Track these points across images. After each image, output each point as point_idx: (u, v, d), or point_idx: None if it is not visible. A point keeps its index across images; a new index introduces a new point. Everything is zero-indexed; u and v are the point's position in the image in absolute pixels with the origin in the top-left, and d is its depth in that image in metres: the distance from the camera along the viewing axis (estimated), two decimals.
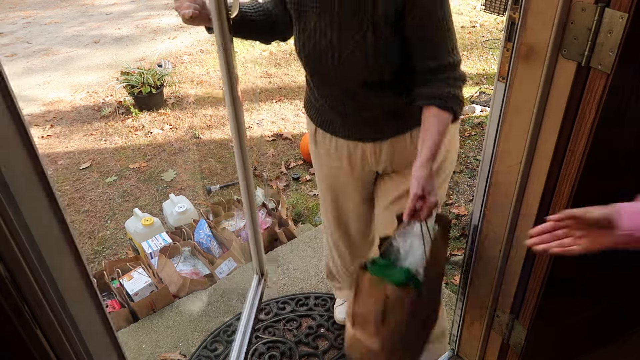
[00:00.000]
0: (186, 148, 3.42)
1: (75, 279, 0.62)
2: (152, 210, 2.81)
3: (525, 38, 0.94)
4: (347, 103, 1.28)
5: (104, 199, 2.94)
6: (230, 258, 2.17)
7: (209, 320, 1.93)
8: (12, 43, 5.65)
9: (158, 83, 3.85)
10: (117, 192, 3.00)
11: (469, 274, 1.36)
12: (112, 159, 3.35)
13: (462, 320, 1.48)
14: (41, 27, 6.20)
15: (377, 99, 1.25)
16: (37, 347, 0.57)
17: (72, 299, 0.62)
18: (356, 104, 1.27)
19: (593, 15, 0.81)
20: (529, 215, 1.10)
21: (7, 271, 0.52)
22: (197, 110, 3.94)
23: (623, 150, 0.99)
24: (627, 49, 0.80)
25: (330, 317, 1.89)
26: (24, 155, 0.53)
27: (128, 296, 1.99)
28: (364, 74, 1.19)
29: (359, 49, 1.15)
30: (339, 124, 1.34)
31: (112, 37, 5.74)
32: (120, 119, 3.84)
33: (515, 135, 1.04)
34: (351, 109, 1.29)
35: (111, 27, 6.12)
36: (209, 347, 1.82)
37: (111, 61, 5.02)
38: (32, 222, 0.54)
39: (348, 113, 1.30)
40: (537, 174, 1.04)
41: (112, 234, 2.65)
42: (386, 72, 1.19)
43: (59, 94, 4.39)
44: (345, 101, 1.28)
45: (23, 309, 0.54)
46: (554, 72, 0.92)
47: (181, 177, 3.12)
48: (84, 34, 5.90)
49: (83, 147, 3.52)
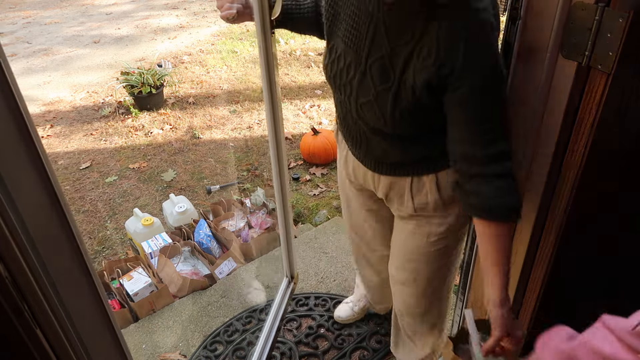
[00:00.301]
0: (186, 148, 3.42)
1: (76, 278, 0.62)
2: (152, 210, 2.81)
3: (525, 38, 0.94)
4: (354, 130, 1.19)
5: (103, 199, 2.94)
6: (230, 258, 2.17)
7: (209, 321, 1.93)
8: (12, 43, 5.65)
9: (158, 83, 3.85)
10: (117, 192, 3.00)
11: (469, 274, 1.36)
12: (112, 159, 3.35)
13: (462, 320, 1.48)
14: (41, 27, 6.20)
15: (385, 145, 1.13)
16: (37, 347, 0.57)
17: (73, 299, 0.62)
18: (362, 136, 1.18)
19: (593, 15, 0.81)
20: (528, 215, 1.10)
21: (7, 271, 0.52)
22: (197, 110, 3.94)
23: (623, 150, 0.99)
24: (627, 49, 0.80)
25: (331, 317, 1.89)
26: (24, 155, 0.53)
27: (128, 296, 1.99)
28: (377, 123, 1.07)
29: (377, 102, 1.02)
30: (346, 138, 1.28)
31: (112, 37, 5.74)
32: (120, 119, 3.84)
33: (515, 135, 1.04)
34: (357, 136, 1.19)
35: (111, 27, 6.13)
36: (208, 347, 1.82)
37: (111, 61, 5.02)
38: (31, 221, 0.54)
39: (354, 138, 1.21)
40: (537, 174, 1.04)
41: (112, 234, 2.65)
42: (402, 131, 1.06)
43: (58, 94, 4.39)
44: (352, 128, 1.19)
45: (23, 309, 0.54)
46: (554, 72, 0.92)
47: (181, 177, 3.12)
48: (84, 34, 5.90)
49: (83, 147, 3.52)
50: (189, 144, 3.47)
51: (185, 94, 4.22)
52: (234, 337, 1.85)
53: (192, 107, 3.99)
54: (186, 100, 4.09)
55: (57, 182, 0.55)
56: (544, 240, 1.09)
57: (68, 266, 0.61)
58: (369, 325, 1.85)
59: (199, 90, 4.29)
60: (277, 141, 1.42)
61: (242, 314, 1.94)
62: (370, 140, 1.15)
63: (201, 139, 3.53)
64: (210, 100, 4.09)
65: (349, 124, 1.19)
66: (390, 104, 1.00)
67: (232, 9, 1.12)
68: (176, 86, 4.33)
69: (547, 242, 1.08)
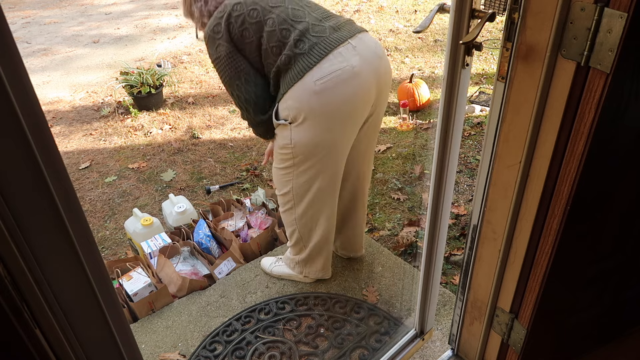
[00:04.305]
0: (185, 148, 3.42)
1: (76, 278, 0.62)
2: (152, 210, 2.81)
3: (525, 38, 0.94)
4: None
5: (103, 199, 2.94)
6: (229, 258, 2.17)
7: (209, 321, 1.93)
8: None
9: (157, 83, 3.85)
10: (116, 192, 2.99)
11: (468, 273, 1.36)
12: (112, 159, 3.35)
13: (461, 320, 1.48)
14: (40, 27, 6.20)
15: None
16: (37, 347, 0.57)
17: (72, 299, 0.62)
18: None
19: (592, 14, 0.81)
20: (528, 215, 1.10)
21: (6, 271, 0.52)
22: (197, 110, 3.94)
23: (623, 150, 0.99)
24: (626, 49, 0.80)
25: (330, 317, 1.90)
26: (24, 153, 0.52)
27: (127, 296, 1.99)
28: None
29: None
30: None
31: (112, 37, 5.74)
32: (119, 119, 3.84)
33: (514, 135, 1.04)
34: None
35: (110, 27, 6.12)
36: (208, 347, 1.82)
37: (110, 61, 5.02)
38: (31, 221, 0.54)
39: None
40: (536, 173, 1.04)
41: (111, 234, 2.65)
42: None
43: (58, 93, 4.38)
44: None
45: (23, 309, 0.54)
46: (553, 71, 0.92)
47: (180, 177, 3.11)
48: (83, 34, 5.90)
49: (82, 147, 3.52)
50: (189, 144, 3.47)
51: (184, 93, 4.21)
52: (233, 337, 1.85)
53: (191, 107, 3.99)
54: (185, 100, 4.09)
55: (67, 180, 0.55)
56: (543, 240, 1.09)
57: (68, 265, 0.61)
58: (369, 325, 1.86)
59: (199, 90, 4.29)
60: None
61: (242, 313, 1.94)
62: None
63: (200, 139, 3.53)
64: (209, 100, 4.09)
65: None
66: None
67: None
68: (175, 86, 4.33)
69: (546, 242, 1.08)
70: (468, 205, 2.62)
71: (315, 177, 1.69)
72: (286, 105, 1.57)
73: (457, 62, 1.07)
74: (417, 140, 3.27)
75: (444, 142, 1.21)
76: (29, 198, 0.53)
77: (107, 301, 0.65)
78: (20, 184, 0.52)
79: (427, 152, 3.14)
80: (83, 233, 0.59)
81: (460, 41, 1.02)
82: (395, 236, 2.40)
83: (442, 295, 1.94)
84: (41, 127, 0.52)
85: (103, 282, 0.64)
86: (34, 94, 0.50)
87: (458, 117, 1.16)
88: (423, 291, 1.52)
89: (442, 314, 1.85)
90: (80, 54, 5.27)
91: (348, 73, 1.52)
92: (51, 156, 0.53)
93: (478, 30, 0.96)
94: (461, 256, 2.26)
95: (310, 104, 1.53)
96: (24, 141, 0.51)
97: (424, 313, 1.59)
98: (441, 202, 1.32)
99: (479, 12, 1.00)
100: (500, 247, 1.20)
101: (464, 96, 1.14)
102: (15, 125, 0.50)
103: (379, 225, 2.49)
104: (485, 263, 1.29)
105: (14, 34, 0.50)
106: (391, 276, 2.07)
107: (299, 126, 1.57)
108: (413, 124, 3.44)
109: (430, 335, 1.60)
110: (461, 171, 2.92)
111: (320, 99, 1.52)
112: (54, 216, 0.56)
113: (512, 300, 1.26)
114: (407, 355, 1.57)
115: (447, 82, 1.11)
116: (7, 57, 0.47)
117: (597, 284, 1.22)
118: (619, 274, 1.23)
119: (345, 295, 1.99)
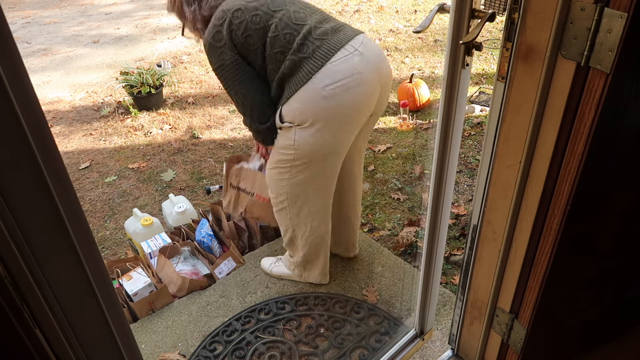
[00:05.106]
0: (185, 148, 3.42)
1: (76, 278, 0.62)
2: (152, 210, 2.81)
3: (525, 38, 0.94)
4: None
5: (103, 199, 2.94)
6: (230, 258, 2.17)
7: (209, 321, 1.93)
8: None
9: (157, 83, 3.84)
10: (116, 192, 2.99)
11: (468, 273, 1.36)
12: (112, 159, 3.35)
13: (461, 319, 1.48)
14: (40, 27, 6.20)
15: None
16: (36, 347, 0.57)
17: (72, 299, 0.62)
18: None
19: (592, 14, 0.81)
20: (528, 215, 1.10)
21: (6, 271, 0.52)
22: (197, 110, 3.93)
23: (623, 150, 0.99)
24: (626, 49, 0.80)
25: (330, 317, 1.90)
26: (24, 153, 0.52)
27: (127, 296, 1.99)
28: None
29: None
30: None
31: (112, 37, 5.74)
32: (119, 119, 3.84)
33: (514, 135, 1.04)
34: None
35: (110, 27, 6.12)
36: (208, 347, 1.82)
37: (110, 61, 5.02)
38: (31, 221, 0.54)
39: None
40: (536, 173, 1.04)
41: (111, 234, 2.65)
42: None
43: (58, 93, 4.38)
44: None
45: (23, 309, 0.54)
46: (553, 71, 0.92)
47: (180, 177, 3.11)
48: (83, 34, 5.90)
49: (82, 147, 3.52)
50: (189, 144, 3.47)
51: (184, 93, 4.21)
52: (233, 337, 1.85)
53: (191, 107, 3.98)
54: (185, 100, 4.09)
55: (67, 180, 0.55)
56: (543, 240, 1.09)
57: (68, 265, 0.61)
58: (369, 325, 1.86)
59: (199, 90, 4.29)
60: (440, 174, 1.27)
61: (242, 313, 1.94)
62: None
63: (200, 139, 3.53)
64: (209, 100, 4.09)
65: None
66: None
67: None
68: (175, 86, 4.33)
69: (546, 242, 1.08)
70: (468, 205, 2.62)
71: (312, 178, 1.69)
72: (291, 108, 1.56)
73: (457, 62, 1.07)
74: (417, 140, 3.27)
75: (444, 142, 1.21)
76: (29, 198, 0.53)
77: (107, 301, 0.65)
78: (20, 184, 0.52)
79: (427, 152, 3.14)
80: (83, 233, 0.59)
81: (460, 41, 1.02)
82: (395, 236, 2.40)
83: (442, 295, 1.94)
84: (41, 127, 0.52)
85: (103, 282, 0.64)
86: (34, 94, 0.50)
87: (458, 117, 1.16)
88: (423, 291, 1.52)
89: (442, 314, 1.85)
90: (80, 54, 5.27)
91: (357, 81, 1.52)
92: (51, 156, 0.53)
93: (478, 30, 0.96)
94: (461, 256, 2.26)
95: (317, 108, 1.53)
96: (24, 141, 0.51)
97: (424, 313, 1.59)
98: (441, 202, 1.32)
99: (479, 12, 1.00)
100: (500, 247, 1.20)
101: (464, 96, 1.14)
102: (15, 125, 0.50)
103: (379, 225, 2.49)
104: (485, 263, 1.29)
105: (14, 34, 0.50)
106: (391, 276, 2.07)
107: (305, 129, 1.57)
108: (413, 124, 3.43)
109: (430, 335, 1.61)
110: (461, 171, 2.92)
111: (328, 104, 1.52)
112: (54, 216, 0.56)
113: (512, 300, 1.26)
114: (407, 355, 1.57)
115: (447, 82, 1.11)
116: (7, 57, 0.47)
117: (597, 284, 1.22)
118: (619, 274, 1.23)
119: (345, 295, 1.99)
